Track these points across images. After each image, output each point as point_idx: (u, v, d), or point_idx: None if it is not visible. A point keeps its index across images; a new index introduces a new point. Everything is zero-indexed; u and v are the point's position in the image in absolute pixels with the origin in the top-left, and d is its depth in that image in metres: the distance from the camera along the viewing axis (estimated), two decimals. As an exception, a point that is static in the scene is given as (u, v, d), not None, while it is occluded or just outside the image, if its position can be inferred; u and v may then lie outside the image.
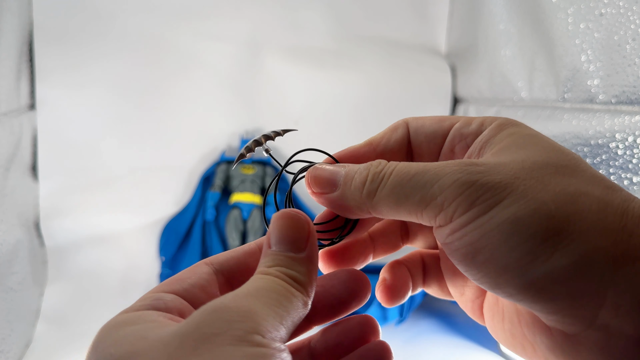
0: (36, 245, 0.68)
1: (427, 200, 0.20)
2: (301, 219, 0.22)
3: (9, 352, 0.53)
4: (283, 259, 0.21)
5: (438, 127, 0.26)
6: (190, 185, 0.78)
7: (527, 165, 0.20)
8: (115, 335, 0.18)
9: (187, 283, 0.22)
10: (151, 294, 0.21)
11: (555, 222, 0.18)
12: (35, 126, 0.71)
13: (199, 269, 0.23)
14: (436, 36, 0.94)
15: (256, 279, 0.20)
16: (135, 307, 0.20)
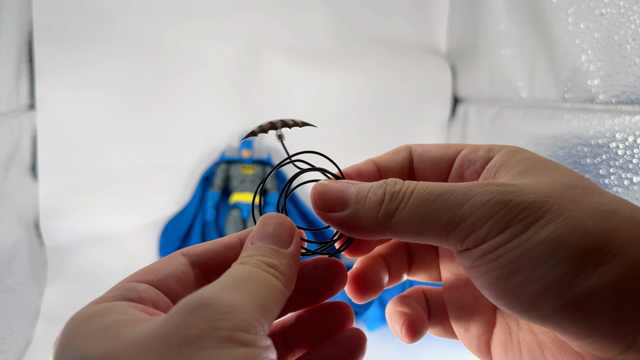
0: (36, 245, 0.68)
1: (455, 221, 0.19)
2: (288, 221, 0.22)
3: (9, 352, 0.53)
4: (265, 250, 0.20)
5: (443, 152, 0.26)
6: (190, 185, 0.78)
7: (556, 186, 0.20)
8: (84, 331, 0.17)
9: (162, 273, 0.21)
10: (124, 283, 0.20)
11: (595, 238, 0.18)
12: (35, 126, 0.70)
13: (175, 259, 0.22)
14: (436, 36, 0.94)
15: (235, 269, 0.19)
16: (106, 297, 0.19)
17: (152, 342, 0.16)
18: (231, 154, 0.80)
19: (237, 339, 0.16)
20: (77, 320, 0.18)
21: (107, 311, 0.18)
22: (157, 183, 0.76)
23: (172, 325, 0.16)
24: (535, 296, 0.18)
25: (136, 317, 0.18)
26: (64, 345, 0.17)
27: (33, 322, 0.63)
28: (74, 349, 0.17)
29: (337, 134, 0.87)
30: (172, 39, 0.77)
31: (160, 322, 0.17)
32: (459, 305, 0.26)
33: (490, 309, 0.26)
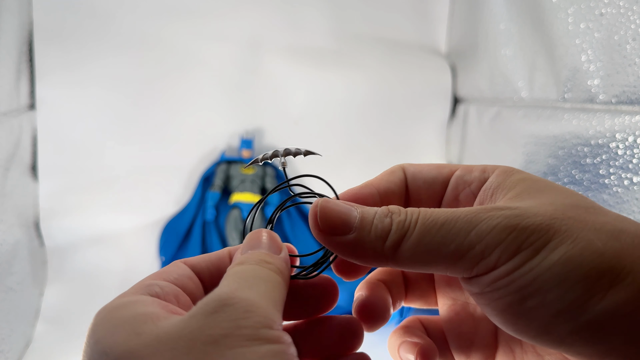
0: (36, 245, 0.68)
1: (463, 249, 0.19)
2: (276, 235, 0.22)
3: (9, 352, 0.53)
4: (259, 253, 0.21)
5: (437, 173, 0.25)
6: (190, 185, 0.78)
7: (559, 207, 0.19)
8: (107, 324, 0.18)
9: (176, 274, 0.22)
10: (142, 281, 0.21)
11: (606, 259, 0.18)
12: (35, 126, 0.70)
13: (179, 265, 0.23)
14: (437, 36, 0.94)
15: (237, 270, 0.19)
16: (129, 292, 0.20)
17: (177, 341, 0.16)
18: (231, 154, 0.80)
19: (261, 336, 0.16)
20: (103, 313, 0.18)
21: (129, 304, 0.18)
22: (157, 183, 0.76)
23: (196, 325, 0.16)
24: (550, 320, 0.18)
25: (158, 313, 0.18)
26: (89, 338, 0.18)
27: (33, 322, 0.63)
28: (97, 342, 0.17)
29: (337, 134, 0.87)
30: (172, 38, 0.77)
31: (183, 321, 0.17)
32: (458, 331, 0.26)
33: (491, 333, 0.25)
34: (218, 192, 0.76)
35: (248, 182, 0.77)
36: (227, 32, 0.80)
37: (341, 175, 0.86)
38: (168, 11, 0.77)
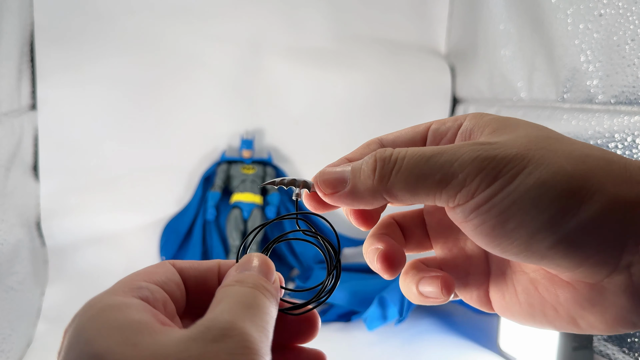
0: (37, 245, 0.68)
1: (448, 178, 0.21)
2: (269, 261, 0.23)
3: (10, 351, 0.54)
4: (257, 277, 0.21)
5: (414, 133, 0.28)
6: (191, 185, 0.78)
7: (532, 139, 0.21)
8: (99, 325, 0.17)
9: (163, 276, 0.22)
10: (132, 281, 0.21)
11: (575, 180, 0.20)
12: (36, 126, 0.71)
13: (167, 267, 0.23)
14: (436, 36, 0.94)
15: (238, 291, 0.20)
16: (119, 290, 0.20)
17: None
18: (232, 154, 0.81)
19: None
20: (92, 311, 0.18)
21: (122, 306, 0.18)
22: (158, 183, 0.77)
23: (195, 351, 0.17)
24: (530, 238, 0.20)
25: (151, 324, 0.18)
26: (77, 336, 0.17)
27: (34, 321, 0.63)
28: (87, 342, 0.17)
29: (337, 134, 0.87)
30: (172, 39, 0.78)
31: (182, 342, 0.17)
32: (454, 264, 0.28)
33: (483, 260, 0.27)
34: (218, 192, 0.76)
35: (248, 182, 0.77)
36: (228, 33, 0.81)
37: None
38: (169, 12, 0.78)
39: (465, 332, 0.63)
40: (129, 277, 0.21)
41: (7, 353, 0.53)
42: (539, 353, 0.52)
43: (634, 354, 0.52)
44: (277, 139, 0.84)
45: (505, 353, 0.57)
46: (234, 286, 0.20)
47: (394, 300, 0.60)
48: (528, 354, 0.53)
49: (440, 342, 0.61)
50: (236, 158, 0.79)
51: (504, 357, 0.57)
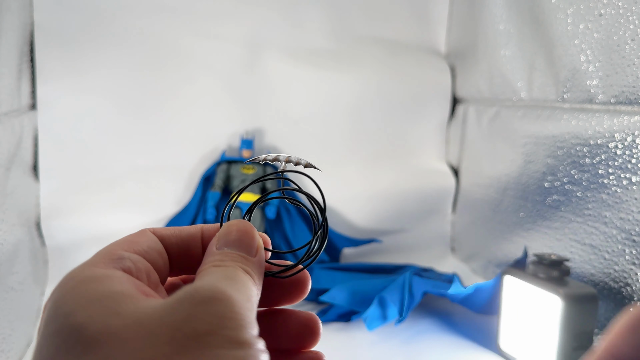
0: (37, 245, 0.68)
1: None
2: (251, 229, 0.22)
3: (10, 351, 0.54)
4: (236, 256, 0.20)
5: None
6: (191, 185, 0.78)
7: None
8: (79, 297, 0.17)
9: (145, 245, 0.21)
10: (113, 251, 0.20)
11: None
12: (36, 126, 0.71)
13: (147, 235, 0.22)
14: (436, 36, 0.94)
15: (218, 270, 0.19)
16: (98, 262, 0.19)
17: (160, 327, 0.16)
18: (232, 154, 0.81)
19: (242, 339, 0.16)
20: (71, 283, 0.17)
21: (103, 278, 0.18)
22: (158, 183, 0.77)
23: (182, 314, 0.16)
24: None
25: (135, 295, 0.17)
26: (56, 308, 0.17)
27: (34, 321, 0.63)
28: (67, 314, 0.16)
29: (337, 134, 0.87)
30: (172, 39, 0.78)
31: (167, 306, 0.16)
32: None
33: None
34: (218, 192, 0.76)
35: (248, 182, 0.77)
36: (228, 33, 0.81)
37: (341, 174, 0.86)
38: (169, 12, 0.78)
39: (465, 332, 0.63)
40: (109, 247, 0.20)
41: (7, 353, 0.53)
42: (539, 353, 0.52)
43: (634, 354, 0.52)
44: (277, 139, 0.84)
45: (505, 353, 0.57)
46: (213, 268, 0.20)
47: (394, 300, 0.60)
48: (528, 354, 0.53)
49: (440, 342, 0.61)
50: (236, 158, 0.80)
51: (504, 357, 0.57)
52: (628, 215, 0.53)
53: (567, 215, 0.62)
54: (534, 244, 0.68)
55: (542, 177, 0.67)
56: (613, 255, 0.55)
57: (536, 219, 0.68)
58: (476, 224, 0.85)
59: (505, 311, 0.56)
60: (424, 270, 0.72)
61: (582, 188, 0.60)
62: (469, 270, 0.86)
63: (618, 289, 0.54)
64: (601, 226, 0.57)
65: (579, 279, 0.59)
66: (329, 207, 0.85)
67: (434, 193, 0.91)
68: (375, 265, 0.77)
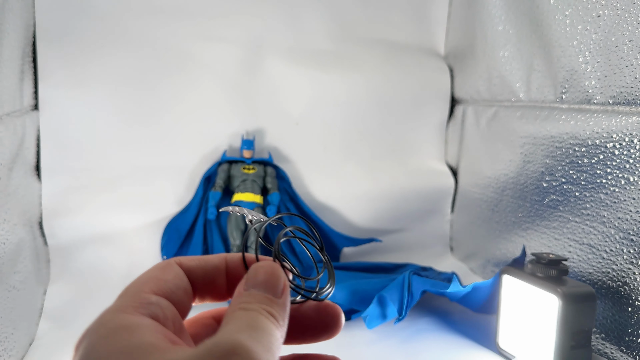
0: (39, 244, 0.68)
1: None
2: (278, 270, 0.22)
3: (12, 349, 0.54)
4: (262, 298, 0.21)
5: None
6: (192, 185, 0.79)
7: None
8: (110, 349, 0.17)
9: (172, 284, 0.22)
10: (142, 292, 0.20)
11: None
12: (38, 126, 0.71)
13: (175, 269, 0.23)
14: (436, 37, 0.95)
15: (242, 315, 0.20)
16: (129, 307, 0.19)
17: None
18: (232, 154, 0.81)
19: None
20: (103, 331, 0.18)
21: (135, 328, 0.18)
22: (159, 183, 0.77)
23: None
24: None
25: (162, 345, 0.18)
26: (87, 356, 0.17)
27: (36, 320, 0.63)
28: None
29: (337, 134, 0.87)
30: (174, 40, 0.78)
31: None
32: None
33: None
34: (219, 192, 0.77)
35: (249, 181, 0.78)
36: (229, 34, 0.81)
37: (341, 174, 0.87)
38: (171, 14, 0.78)
39: (464, 330, 0.64)
40: (138, 287, 0.21)
41: (9, 352, 0.53)
42: (537, 351, 0.52)
43: (632, 352, 0.52)
44: (278, 139, 0.84)
45: (503, 351, 0.57)
46: (239, 312, 0.20)
47: (394, 299, 0.60)
48: (526, 352, 0.54)
49: (439, 340, 0.61)
50: (237, 158, 0.80)
51: (503, 356, 0.57)
52: (626, 215, 0.53)
53: (565, 215, 0.62)
54: (532, 243, 0.69)
55: (541, 177, 0.67)
56: (611, 255, 0.55)
57: (534, 218, 0.68)
58: (475, 223, 0.85)
59: (504, 310, 0.57)
60: (423, 269, 0.73)
61: (580, 188, 0.60)
62: (468, 270, 0.87)
63: (616, 288, 0.54)
64: (599, 226, 0.57)
65: (577, 278, 0.59)
66: (330, 207, 0.85)
67: (433, 193, 0.91)
68: (375, 264, 0.77)
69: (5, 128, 0.59)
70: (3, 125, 0.58)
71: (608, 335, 0.55)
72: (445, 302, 0.71)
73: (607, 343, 0.55)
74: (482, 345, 0.60)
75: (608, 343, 0.55)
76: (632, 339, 0.52)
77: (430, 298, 0.72)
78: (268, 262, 0.23)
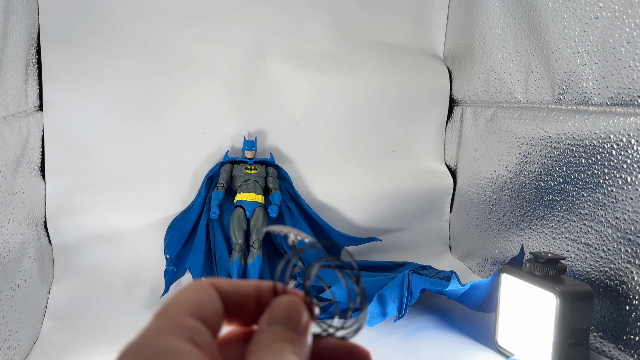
0: (43, 243, 0.69)
1: None
2: (298, 305, 0.23)
3: (17, 348, 0.54)
4: (286, 336, 0.22)
5: None
6: (195, 185, 0.79)
7: None
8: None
9: (208, 308, 0.22)
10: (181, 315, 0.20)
11: None
12: (43, 127, 0.72)
13: (210, 292, 0.23)
14: (435, 40, 0.95)
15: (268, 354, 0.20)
16: (171, 330, 0.20)
17: None
18: (235, 155, 0.82)
19: None
20: (148, 354, 0.18)
21: (178, 353, 0.18)
22: (162, 183, 0.78)
23: None
24: None
25: None
26: None
27: (40, 318, 0.64)
28: None
29: (337, 135, 0.88)
30: (177, 42, 0.79)
31: None
32: None
33: None
34: (222, 192, 0.77)
35: (251, 181, 0.78)
36: (232, 36, 0.82)
37: (341, 174, 0.87)
38: (174, 15, 0.79)
39: (463, 328, 0.64)
40: (177, 309, 0.21)
41: (13, 350, 0.54)
42: (535, 349, 0.53)
43: (630, 350, 0.53)
44: (279, 140, 0.85)
45: (502, 349, 0.57)
46: (265, 350, 0.21)
47: (394, 298, 0.61)
48: (525, 350, 0.54)
49: (438, 338, 0.62)
50: (239, 158, 0.81)
51: (501, 353, 0.58)
52: (623, 214, 0.54)
53: (563, 215, 0.63)
54: (530, 242, 0.69)
55: (538, 177, 0.68)
56: (609, 254, 0.56)
57: (532, 218, 0.69)
58: (473, 223, 0.86)
59: (503, 308, 0.57)
60: (423, 268, 0.73)
61: (577, 188, 0.61)
62: (467, 268, 0.87)
63: (614, 287, 0.55)
64: (597, 225, 0.57)
65: (575, 277, 0.60)
66: (330, 206, 0.86)
67: (432, 193, 0.92)
68: (375, 263, 0.78)
69: (10, 129, 0.59)
70: (8, 126, 0.59)
71: (606, 333, 0.56)
72: (445, 300, 0.72)
73: (605, 341, 0.56)
74: (480, 343, 0.61)
75: (606, 341, 0.56)
76: (630, 337, 0.53)
77: (429, 296, 0.72)
78: (290, 298, 0.23)
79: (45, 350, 0.59)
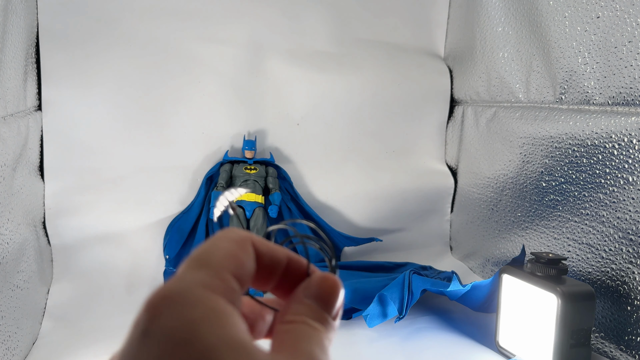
0: (42, 243, 0.69)
1: None
2: (339, 289, 0.22)
3: (15, 348, 0.54)
4: (321, 317, 0.21)
5: None
6: (195, 185, 0.79)
7: None
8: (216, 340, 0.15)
9: (246, 271, 0.20)
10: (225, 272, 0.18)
11: None
12: (42, 127, 0.72)
13: (249, 251, 0.21)
14: (436, 39, 0.95)
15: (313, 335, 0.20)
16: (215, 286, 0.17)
17: None
18: (234, 155, 0.82)
19: None
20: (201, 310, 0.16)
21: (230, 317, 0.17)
22: (162, 183, 0.78)
23: None
24: None
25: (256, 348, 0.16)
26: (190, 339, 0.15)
27: (39, 319, 0.64)
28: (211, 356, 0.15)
29: (338, 135, 0.88)
30: (177, 41, 0.78)
31: None
32: None
33: None
34: (221, 192, 0.77)
35: (251, 181, 0.78)
36: (232, 36, 0.82)
37: (342, 174, 0.87)
38: (173, 14, 0.78)
39: (464, 329, 0.64)
40: (220, 263, 0.19)
41: (12, 350, 0.54)
42: (536, 350, 0.52)
43: (631, 351, 0.53)
44: (279, 140, 0.85)
45: (503, 350, 0.57)
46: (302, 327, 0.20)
47: (394, 298, 0.61)
48: (526, 350, 0.54)
49: (439, 339, 0.62)
50: (239, 158, 0.80)
51: (502, 354, 0.58)
52: (625, 215, 0.54)
53: (564, 215, 0.63)
54: (531, 242, 0.69)
55: (540, 177, 0.68)
56: (610, 254, 0.56)
57: (534, 218, 0.69)
58: (474, 223, 0.85)
59: (504, 309, 0.57)
60: (423, 268, 0.73)
61: (579, 188, 0.60)
62: (467, 269, 0.87)
63: (615, 287, 0.55)
64: (598, 225, 0.57)
65: (576, 278, 0.60)
66: (331, 206, 0.85)
67: (433, 193, 0.92)
68: (375, 263, 0.78)
69: (9, 129, 0.59)
70: (7, 126, 0.59)
71: (607, 334, 0.56)
72: (445, 301, 0.72)
73: (606, 342, 0.56)
74: (481, 344, 0.61)
75: (607, 342, 0.56)
76: (632, 337, 0.53)
77: (430, 297, 0.72)
78: (334, 278, 0.22)
79: (45, 351, 0.59)
